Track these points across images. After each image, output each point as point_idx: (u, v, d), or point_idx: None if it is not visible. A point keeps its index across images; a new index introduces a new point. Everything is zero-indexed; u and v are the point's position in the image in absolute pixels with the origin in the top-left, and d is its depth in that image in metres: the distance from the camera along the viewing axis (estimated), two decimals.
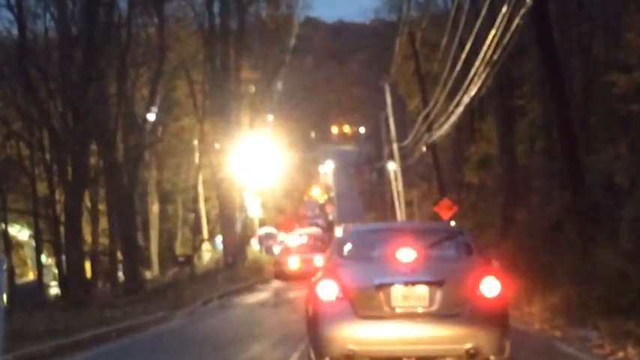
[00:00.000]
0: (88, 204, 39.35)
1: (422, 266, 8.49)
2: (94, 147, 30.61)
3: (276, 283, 32.15)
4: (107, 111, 30.57)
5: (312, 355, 8.61)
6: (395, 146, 49.12)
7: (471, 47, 25.13)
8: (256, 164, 45.45)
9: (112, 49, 31.06)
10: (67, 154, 26.61)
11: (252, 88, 43.28)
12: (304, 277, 31.39)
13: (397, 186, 50.03)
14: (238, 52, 41.95)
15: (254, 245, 47.98)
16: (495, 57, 20.56)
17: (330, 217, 67.24)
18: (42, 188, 34.16)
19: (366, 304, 8.26)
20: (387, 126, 51.96)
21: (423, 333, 8.20)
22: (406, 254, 8.59)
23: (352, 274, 8.66)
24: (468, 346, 8.12)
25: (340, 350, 8.24)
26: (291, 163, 67.67)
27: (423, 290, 8.26)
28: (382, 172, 70.42)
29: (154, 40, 34.18)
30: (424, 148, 35.65)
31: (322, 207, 79.44)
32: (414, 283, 8.29)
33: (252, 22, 48.60)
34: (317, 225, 54.48)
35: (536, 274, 15.26)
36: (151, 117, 50.05)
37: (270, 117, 46.94)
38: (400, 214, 50.06)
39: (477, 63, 23.23)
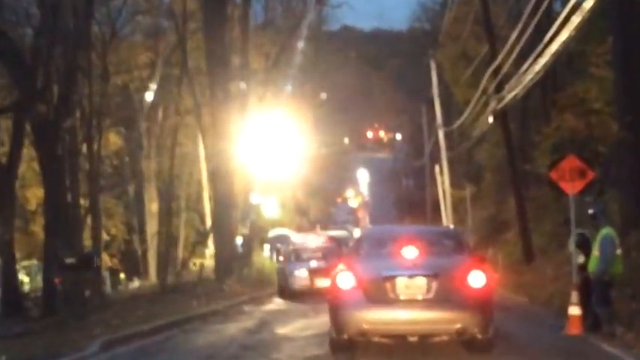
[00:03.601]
0: None
1: (421, 262, 9.60)
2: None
3: (275, 304, 20.93)
4: None
5: (334, 333, 9.75)
6: (441, 134, 37.63)
7: None
8: (269, 154, 34.41)
9: None
10: None
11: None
12: (318, 294, 19.61)
13: (443, 182, 38.30)
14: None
15: (266, 251, 36.61)
16: None
17: (362, 224, 55.76)
18: None
19: (376, 292, 9.35)
20: (432, 112, 40.54)
21: (422, 316, 9.33)
22: (409, 252, 9.68)
23: (365, 267, 9.80)
24: (458, 326, 9.24)
25: (355, 329, 9.40)
26: (320, 163, 56.87)
27: (422, 281, 9.38)
28: (421, 175, 59.44)
29: None
30: (490, 119, 24.06)
31: (354, 211, 67.88)
32: (414, 276, 9.40)
33: None
34: (345, 229, 42.88)
35: None
36: (149, 96, 39.80)
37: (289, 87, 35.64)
38: (446, 219, 38.18)
39: None
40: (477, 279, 9.39)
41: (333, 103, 68.68)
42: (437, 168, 39.97)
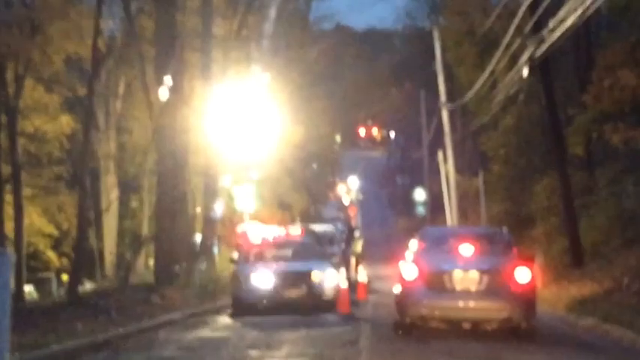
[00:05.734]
0: None
1: (475, 258, 11.18)
2: None
3: (214, 326, 13.96)
4: None
5: (398, 317, 11.40)
6: (445, 114, 30.75)
7: None
8: (240, 136, 27.49)
9: None
10: None
11: None
12: (285, 309, 15.19)
13: (447, 170, 31.22)
14: None
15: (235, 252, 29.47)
16: None
17: (353, 223, 48.75)
18: None
19: (435, 282, 10.90)
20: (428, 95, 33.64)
21: (474, 305, 10.80)
22: (464, 249, 11.29)
23: (426, 261, 11.31)
24: (505, 315, 10.71)
25: (416, 314, 11.04)
26: (306, 157, 50.21)
27: (474, 275, 10.83)
28: (417, 172, 52.93)
29: None
30: (525, 71, 16.94)
31: (345, 209, 60.92)
32: (469, 270, 10.84)
33: None
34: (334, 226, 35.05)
35: None
36: None
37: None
38: (451, 216, 31.09)
39: None
40: (522, 275, 10.79)
41: (323, 99, 62.68)
42: (440, 156, 32.98)
